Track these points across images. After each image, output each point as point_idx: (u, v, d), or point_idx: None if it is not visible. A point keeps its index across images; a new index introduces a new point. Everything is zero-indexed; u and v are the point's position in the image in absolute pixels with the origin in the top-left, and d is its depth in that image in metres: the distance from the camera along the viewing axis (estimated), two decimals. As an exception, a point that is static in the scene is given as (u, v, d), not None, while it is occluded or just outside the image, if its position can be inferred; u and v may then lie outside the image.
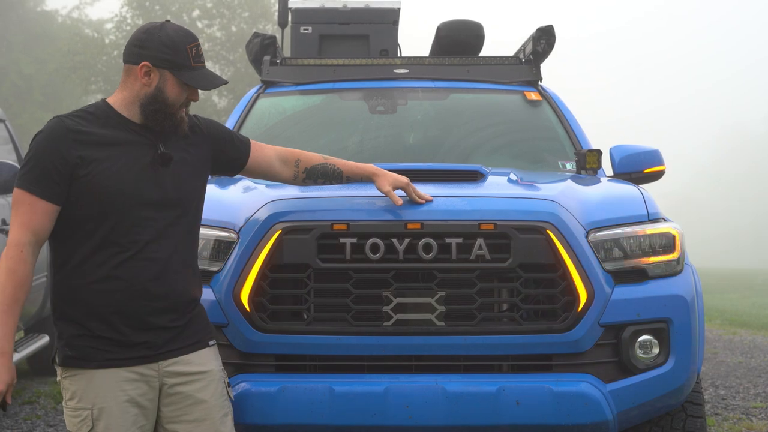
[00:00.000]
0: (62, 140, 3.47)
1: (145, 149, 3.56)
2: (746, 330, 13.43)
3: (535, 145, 6.09)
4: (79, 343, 3.52)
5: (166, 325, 3.57)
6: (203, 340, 3.70)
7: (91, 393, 3.51)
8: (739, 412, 7.28)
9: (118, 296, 3.49)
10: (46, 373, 8.35)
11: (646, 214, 4.44)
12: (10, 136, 7.87)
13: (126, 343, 3.52)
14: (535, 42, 6.31)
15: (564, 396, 4.06)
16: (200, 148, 3.76)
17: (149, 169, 3.54)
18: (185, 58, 3.57)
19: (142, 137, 3.57)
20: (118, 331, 3.50)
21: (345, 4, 7.33)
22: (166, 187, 3.56)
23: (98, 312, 3.50)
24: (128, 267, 3.49)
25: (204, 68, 3.64)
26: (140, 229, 3.49)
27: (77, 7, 36.50)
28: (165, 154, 3.57)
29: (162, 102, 3.56)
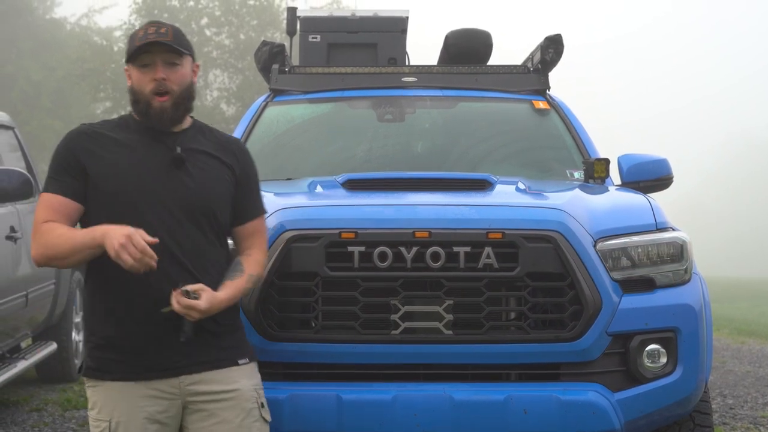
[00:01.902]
0: (76, 140, 3.53)
1: (160, 151, 3.52)
2: (755, 339, 13.40)
3: (543, 154, 6.10)
4: (98, 353, 3.50)
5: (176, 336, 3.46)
6: (231, 358, 3.58)
7: (109, 406, 3.48)
8: (747, 422, 7.27)
9: (135, 303, 3.44)
10: (53, 380, 8.35)
11: (654, 223, 4.44)
12: (18, 143, 7.89)
13: (144, 355, 3.46)
14: (544, 51, 6.32)
15: (572, 405, 4.06)
16: (228, 166, 3.63)
17: (163, 170, 3.50)
18: (133, 42, 3.52)
19: (157, 140, 3.54)
20: (136, 341, 3.45)
21: (353, 12, 7.34)
22: (180, 189, 3.50)
23: (116, 319, 3.46)
24: (146, 277, 3.38)
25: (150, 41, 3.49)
26: (155, 231, 3.39)
27: (86, 15, 36.57)
28: (178, 156, 3.51)
29: (134, 93, 3.54)
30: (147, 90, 3.50)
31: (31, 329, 7.57)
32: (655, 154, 5.72)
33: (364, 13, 7.28)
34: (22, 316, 7.12)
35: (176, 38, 3.54)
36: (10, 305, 6.73)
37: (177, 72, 3.53)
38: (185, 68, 3.56)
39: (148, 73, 3.50)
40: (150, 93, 3.50)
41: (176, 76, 3.53)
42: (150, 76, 3.49)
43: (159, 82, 3.48)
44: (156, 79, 3.48)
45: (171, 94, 3.51)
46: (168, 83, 3.50)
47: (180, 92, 3.53)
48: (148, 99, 3.50)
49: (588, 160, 5.56)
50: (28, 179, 6.71)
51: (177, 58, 3.53)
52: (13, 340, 7.18)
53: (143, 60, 3.50)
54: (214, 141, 3.66)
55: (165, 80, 3.49)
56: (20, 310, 7.00)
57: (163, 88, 3.49)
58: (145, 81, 3.50)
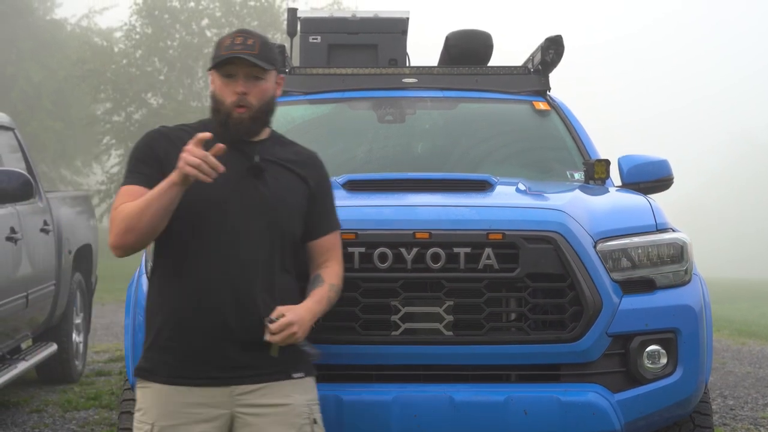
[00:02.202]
0: (155, 139, 3.53)
1: (238, 159, 3.48)
2: (755, 340, 13.39)
3: (543, 155, 6.10)
4: (150, 354, 3.47)
5: (242, 343, 3.41)
6: (285, 371, 3.49)
7: (155, 409, 3.43)
8: (747, 423, 7.27)
9: (198, 307, 3.40)
10: (54, 381, 8.35)
11: (654, 224, 4.44)
12: (19, 144, 7.89)
13: (197, 360, 3.41)
14: (544, 52, 6.32)
15: (572, 406, 4.07)
16: (302, 179, 3.61)
17: (240, 178, 3.46)
18: (219, 49, 3.51)
19: (235, 148, 3.48)
20: (192, 345, 3.40)
21: (354, 13, 7.33)
22: (255, 198, 3.47)
23: (173, 321, 3.42)
24: (206, 275, 3.39)
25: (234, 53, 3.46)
26: (220, 236, 3.41)
27: (86, 16, 36.59)
28: (256, 165, 3.48)
29: (215, 101, 3.52)
30: (228, 101, 3.48)
31: (31, 330, 7.57)
32: (655, 155, 5.72)
33: (365, 14, 7.28)
34: (22, 317, 7.12)
35: (262, 52, 3.49)
36: (11, 306, 6.73)
37: (259, 86, 3.50)
38: (268, 83, 3.54)
39: (230, 84, 3.48)
40: (231, 104, 3.48)
41: (257, 91, 3.50)
42: (232, 88, 3.47)
43: (240, 96, 3.47)
44: (237, 92, 3.47)
45: (249, 109, 3.49)
46: (248, 98, 3.48)
47: (259, 107, 3.51)
48: (229, 110, 3.48)
49: (588, 161, 5.56)
50: (28, 180, 6.71)
51: (261, 72, 3.50)
52: (13, 341, 7.18)
53: (227, 70, 3.49)
54: (290, 153, 3.64)
55: (246, 94, 3.47)
56: (20, 311, 7.00)
57: (243, 102, 3.48)
58: (227, 92, 3.48)
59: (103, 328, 12.83)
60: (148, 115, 30.57)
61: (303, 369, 3.54)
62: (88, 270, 8.96)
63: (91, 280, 9.08)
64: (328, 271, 3.63)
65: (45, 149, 31.88)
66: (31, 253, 7.21)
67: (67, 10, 44.44)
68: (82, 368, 8.79)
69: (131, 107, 30.84)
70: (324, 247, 3.65)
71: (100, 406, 7.46)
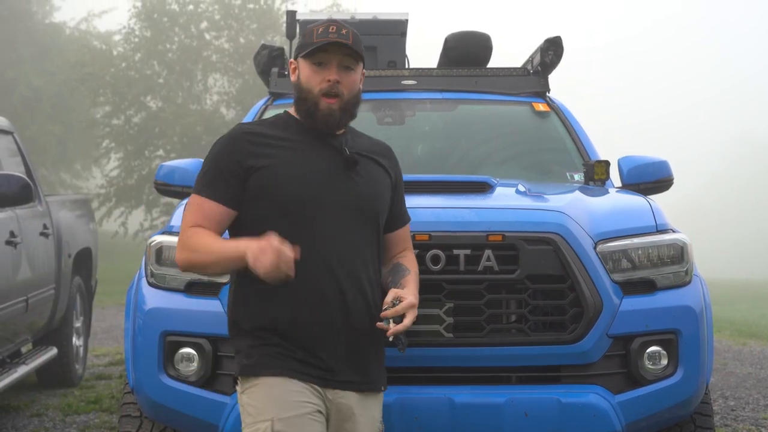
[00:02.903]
0: (237, 142, 3.37)
1: (326, 152, 3.39)
2: (756, 341, 13.39)
3: (543, 157, 6.10)
4: (256, 352, 3.33)
5: (349, 343, 3.34)
6: (377, 382, 3.46)
7: (271, 403, 3.27)
8: (749, 424, 7.26)
9: (295, 305, 3.31)
10: (54, 385, 8.35)
11: (654, 225, 4.44)
12: (18, 148, 7.89)
13: (302, 358, 3.30)
14: (543, 53, 6.32)
15: (572, 407, 4.06)
16: (386, 170, 3.54)
17: (334, 172, 3.37)
18: (310, 37, 3.38)
19: (322, 141, 3.41)
20: (295, 344, 3.30)
21: (353, 15, 7.33)
22: (351, 192, 3.38)
23: (274, 322, 3.32)
24: (306, 274, 3.26)
25: (331, 41, 3.34)
26: (317, 233, 3.30)
27: (85, 19, 36.55)
28: (351, 158, 3.38)
29: (300, 90, 3.39)
30: (316, 89, 3.36)
31: (31, 334, 7.57)
32: (655, 156, 5.72)
33: (364, 16, 7.27)
34: (22, 321, 7.12)
35: (356, 42, 3.39)
36: (11, 310, 6.72)
37: (350, 77, 3.41)
38: (357, 74, 3.45)
39: (321, 72, 3.36)
40: (319, 93, 3.36)
41: (349, 81, 3.40)
42: (323, 76, 3.35)
43: (332, 83, 3.35)
44: (330, 80, 3.35)
45: (341, 98, 3.38)
46: (340, 86, 3.37)
47: (349, 98, 3.41)
48: (317, 99, 3.36)
49: (588, 162, 5.56)
50: (27, 184, 6.71)
51: (353, 62, 3.41)
52: (13, 345, 7.18)
53: (319, 57, 3.37)
54: (369, 144, 3.58)
55: (338, 83, 3.36)
56: (20, 315, 7.00)
57: (335, 90, 3.36)
58: (317, 80, 3.36)
59: (104, 331, 12.83)
60: (148, 118, 30.53)
61: (384, 382, 3.51)
62: (88, 273, 8.96)
63: (91, 284, 9.08)
64: (407, 260, 3.58)
65: (44, 153, 31.87)
66: (31, 257, 7.20)
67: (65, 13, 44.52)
68: (83, 372, 8.78)
69: (130, 110, 30.79)
70: (401, 238, 3.60)
71: (100, 410, 7.45)
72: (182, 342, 4.31)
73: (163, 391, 4.30)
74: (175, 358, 4.32)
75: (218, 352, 4.28)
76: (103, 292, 14.63)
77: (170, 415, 4.36)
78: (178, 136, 29.67)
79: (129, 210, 30.19)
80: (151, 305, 4.38)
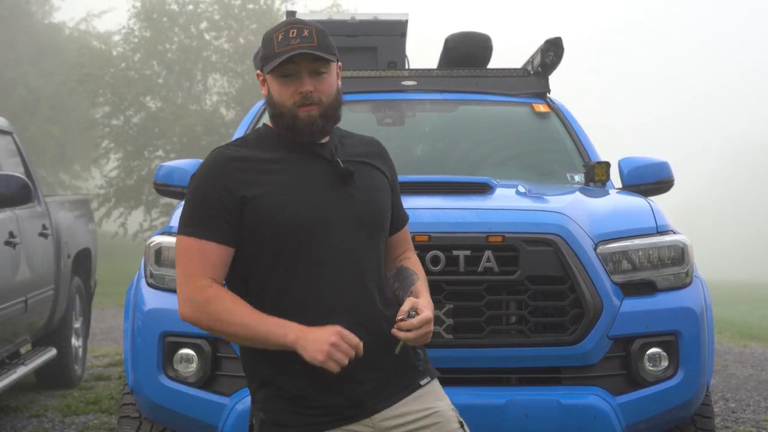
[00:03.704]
0: (224, 170, 3.02)
1: (318, 167, 3.07)
2: (757, 342, 13.37)
3: (543, 157, 6.09)
4: (271, 406, 3.03)
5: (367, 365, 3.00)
6: (413, 381, 3.09)
7: None
8: (749, 425, 7.25)
9: None
10: (53, 386, 8.33)
11: (654, 226, 4.43)
12: (17, 148, 7.88)
13: (325, 398, 2.99)
14: (544, 54, 6.31)
15: (573, 409, 4.06)
16: (381, 171, 3.23)
17: (330, 187, 3.06)
18: (270, 47, 3.05)
19: (310, 153, 3.09)
20: (314, 383, 2.97)
21: (353, 16, 7.33)
22: (351, 205, 3.06)
23: (287, 363, 2.97)
24: (319, 302, 2.98)
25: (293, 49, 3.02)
26: (323, 258, 2.99)
27: (85, 20, 36.53)
28: (345, 171, 3.06)
29: (274, 105, 3.07)
30: (290, 102, 3.04)
31: (30, 335, 7.56)
32: (655, 157, 5.72)
33: (364, 17, 7.27)
34: (21, 321, 7.11)
35: (321, 42, 3.05)
36: (10, 311, 6.71)
37: (324, 81, 3.07)
38: (332, 75, 3.10)
39: (290, 84, 3.04)
40: (294, 105, 3.04)
41: (324, 86, 3.07)
42: (293, 89, 3.04)
43: (305, 94, 3.03)
44: (302, 92, 3.03)
45: (319, 105, 3.06)
46: (315, 94, 3.05)
47: (328, 102, 3.08)
48: (293, 111, 3.04)
49: (588, 163, 5.55)
50: (26, 184, 6.70)
51: (324, 66, 3.06)
52: (12, 346, 7.17)
53: (285, 70, 3.04)
54: (360, 145, 3.26)
55: (312, 92, 3.04)
56: (19, 316, 6.99)
57: (310, 100, 3.04)
58: (288, 93, 3.04)
59: (103, 332, 12.81)
60: (147, 118, 30.54)
61: (428, 373, 3.15)
62: (87, 274, 8.95)
63: (90, 284, 9.07)
64: (411, 263, 3.28)
65: (44, 153, 31.85)
66: (30, 258, 7.20)
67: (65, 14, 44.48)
68: (82, 373, 8.77)
69: (130, 111, 30.79)
70: (401, 239, 3.29)
71: (99, 411, 7.44)
72: (181, 343, 4.31)
73: (163, 392, 4.30)
74: (174, 359, 4.32)
75: (217, 353, 4.27)
76: (103, 293, 14.63)
77: (169, 416, 4.35)
78: (178, 137, 29.67)
79: (128, 210, 30.19)
80: (150, 306, 4.38)
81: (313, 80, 3.05)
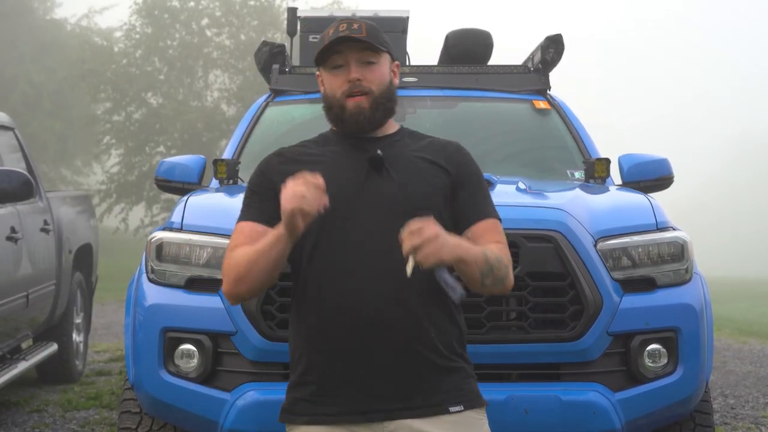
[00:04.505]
0: (268, 164, 3.14)
1: (359, 157, 3.06)
2: (756, 339, 13.38)
3: (543, 154, 6.10)
4: (292, 393, 3.05)
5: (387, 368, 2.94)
6: (442, 404, 2.96)
7: None
8: (748, 422, 7.26)
9: (330, 329, 2.97)
10: (54, 381, 8.34)
11: (654, 223, 4.44)
12: (19, 144, 7.89)
13: (336, 393, 2.97)
14: (544, 51, 6.31)
15: (572, 405, 4.06)
16: (439, 167, 3.12)
17: (362, 175, 3.03)
18: (322, 43, 3.09)
19: (357, 148, 3.08)
20: (328, 375, 2.98)
21: (354, 12, 7.34)
22: (382, 193, 3.02)
23: (308, 350, 3.01)
24: (339, 296, 2.96)
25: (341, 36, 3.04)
26: (350, 243, 2.97)
27: (86, 16, 36.51)
28: (376, 157, 3.02)
29: (326, 98, 3.10)
30: (339, 93, 3.06)
31: (31, 330, 7.57)
32: (655, 153, 5.72)
33: (365, 13, 7.28)
34: (22, 316, 7.12)
35: (371, 34, 3.06)
36: (11, 306, 6.72)
37: (374, 71, 3.07)
38: (383, 66, 3.09)
39: (340, 75, 3.06)
40: (342, 95, 3.05)
41: (373, 75, 3.06)
42: (342, 78, 3.06)
43: (353, 83, 3.04)
44: (350, 80, 3.04)
45: (369, 94, 3.05)
46: (365, 83, 3.05)
47: (379, 92, 3.06)
48: (341, 102, 3.06)
49: (588, 160, 5.56)
50: (28, 180, 6.71)
51: (373, 56, 3.07)
52: (13, 341, 7.18)
53: (335, 61, 3.06)
54: (425, 145, 3.17)
55: (360, 80, 3.04)
56: (21, 311, 7.00)
57: (358, 88, 3.04)
58: (338, 83, 3.06)
59: (104, 327, 12.82)
60: (148, 114, 30.54)
61: (463, 401, 2.99)
62: (89, 269, 8.96)
63: (91, 280, 9.08)
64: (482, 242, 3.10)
65: (45, 149, 31.86)
66: (32, 253, 7.21)
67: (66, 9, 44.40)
68: (83, 368, 8.78)
69: (131, 107, 30.79)
70: (477, 234, 3.10)
71: (100, 406, 7.45)
72: (182, 338, 4.32)
73: (163, 387, 4.30)
74: (175, 354, 4.33)
75: (218, 348, 4.28)
76: (104, 288, 14.63)
77: (170, 412, 4.36)
78: (179, 133, 29.67)
79: (129, 206, 30.20)
80: (151, 301, 4.38)
81: (361, 69, 3.06)
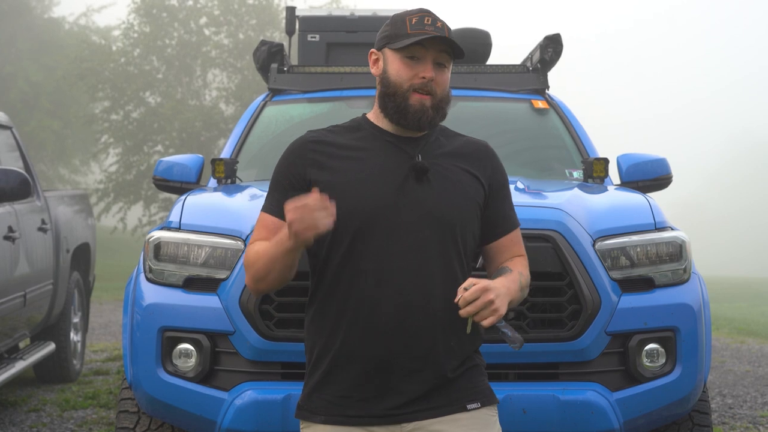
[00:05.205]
0: (299, 151, 3.08)
1: (398, 160, 3.02)
2: (754, 339, 13.39)
3: (542, 154, 6.10)
4: (308, 392, 3.02)
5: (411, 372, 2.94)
6: (460, 401, 2.98)
7: None
8: (746, 421, 7.26)
9: (355, 331, 2.94)
10: (51, 380, 8.34)
11: (653, 223, 4.44)
12: (17, 143, 7.88)
13: (358, 394, 2.95)
14: (543, 50, 6.31)
15: (570, 404, 4.06)
16: (474, 176, 3.10)
17: (402, 182, 2.99)
18: (402, 27, 3.03)
19: (395, 146, 3.05)
20: (350, 377, 2.95)
21: (352, 12, 7.33)
22: (421, 203, 2.98)
23: (331, 351, 2.97)
24: (366, 300, 2.94)
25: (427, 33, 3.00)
26: (381, 250, 2.94)
27: (84, 14, 36.49)
28: (420, 165, 2.99)
29: (388, 84, 3.04)
30: (407, 84, 3.02)
31: (29, 329, 7.56)
32: (654, 153, 5.73)
33: (363, 13, 7.27)
34: (20, 316, 7.11)
35: (452, 37, 3.06)
36: (8, 305, 6.72)
37: (443, 74, 3.06)
38: (449, 72, 3.10)
39: (414, 67, 3.02)
40: (410, 88, 3.02)
41: (442, 79, 3.06)
42: (416, 71, 3.02)
43: (426, 81, 3.02)
44: (425, 77, 3.02)
45: (434, 96, 3.04)
46: (434, 85, 3.04)
47: (442, 96, 3.06)
48: (407, 93, 3.01)
49: (587, 159, 5.56)
50: (26, 179, 6.70)
51: (447, 60, 3.07)
52: (11, 341, 7.17)
53: (413, 51, 3.03)
54: (457, 146, 3.15)
55: (432, 81, 3.04)
56: (18, 310, 6.99)
57: (427, 88, 3.03)
58: (409, 74, 3.02)
59: (101, 327, 12.81)
60: (146, 113, 30.51)
61: (479, 398, 3.02)
62: (86, 269, 8.96)
63: (89, 279, 9.08)
64: (513, 263, 3.12)
65: (43, 148, 31.86)
66: (29, 252, 7.20)
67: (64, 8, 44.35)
68: (80, 367, 8.78)
69: (129, 106, 30.76)
70: (504, 246, 3.14)
71: (98, 406, 7.45)
72: (180, 338, 4.32)
73: (161, 386, 4.30)
74: (173, 353, 4.33)
75: (216, 347, 4.28)
76: (102, 288, 14.64)
77: (168, 411, 4.36)
78: (177, 132, 29.66)
79: (127, 205, 30.17)
80: (149, 301, 4.38)
81: (435, 70, 3.05)
